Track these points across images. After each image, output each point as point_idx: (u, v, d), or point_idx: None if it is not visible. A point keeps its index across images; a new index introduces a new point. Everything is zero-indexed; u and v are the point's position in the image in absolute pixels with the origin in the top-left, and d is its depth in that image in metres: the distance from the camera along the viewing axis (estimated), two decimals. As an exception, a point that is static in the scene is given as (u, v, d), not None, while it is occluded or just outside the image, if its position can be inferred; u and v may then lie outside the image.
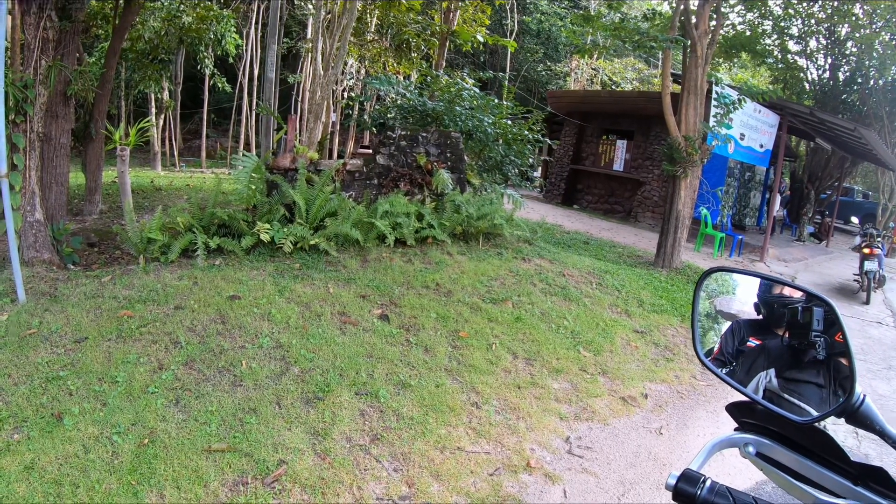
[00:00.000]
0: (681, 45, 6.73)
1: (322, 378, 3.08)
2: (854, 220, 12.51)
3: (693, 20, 6.72)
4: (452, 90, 7.48)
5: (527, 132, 7.75)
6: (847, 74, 14.25)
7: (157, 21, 9.28)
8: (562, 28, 18.86)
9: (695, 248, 9.23)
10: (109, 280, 3.93)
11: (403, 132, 6.03)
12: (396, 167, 5.92)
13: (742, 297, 1.05)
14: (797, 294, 0.95)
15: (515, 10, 19.30)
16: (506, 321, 4.24)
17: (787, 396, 0.90)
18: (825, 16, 12.90)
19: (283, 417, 2.72)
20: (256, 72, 15.27)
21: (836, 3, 12.28)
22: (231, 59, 13.81)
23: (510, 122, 7.86)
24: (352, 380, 3.12)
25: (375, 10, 11.67)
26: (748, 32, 13.50)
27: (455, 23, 10.19)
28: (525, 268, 5.42)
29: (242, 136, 15.97)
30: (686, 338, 4.78)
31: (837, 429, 3.25)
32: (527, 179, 15.06)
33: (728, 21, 13.28)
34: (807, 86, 15.17)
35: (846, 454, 0.81)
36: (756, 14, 13.35)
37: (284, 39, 16.41)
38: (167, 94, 13.98)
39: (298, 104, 15.65)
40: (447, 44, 10.50)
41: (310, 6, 13.51)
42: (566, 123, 13.83)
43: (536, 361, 3.80)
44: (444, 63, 10.86)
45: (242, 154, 5.40)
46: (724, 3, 10.29)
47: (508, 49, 13.97)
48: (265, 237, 4.70)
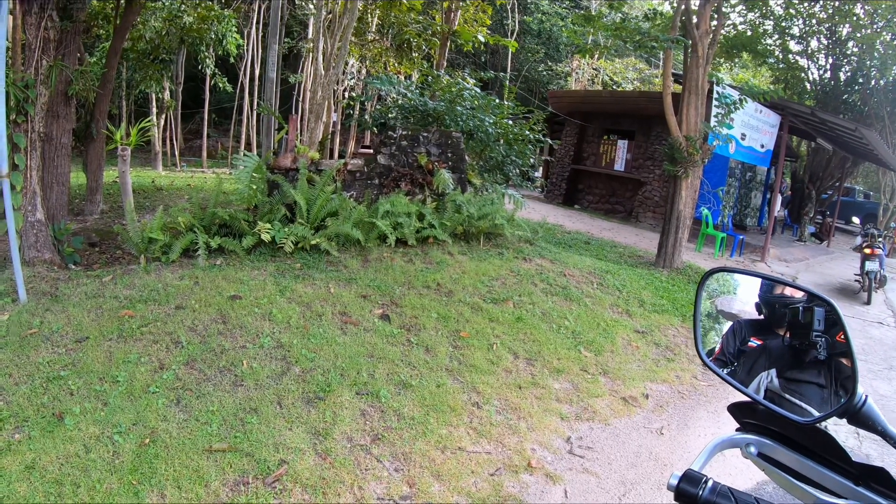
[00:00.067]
0: (682, 46, 6.72)
1: (323, 378, 3.08)
2: (855, 221, 12.52)
3: (694, 20, 6.72)
4: (453, 90, 7.48)
5: (528, 132, 7.75)
6: (848, 74, 14.23)
7: (159, 21, 9.30)
8: (563, 28, 18.87)
9: (696, 249, 9.21)
10: (110, 280, 3.93)
11: (404, 132, 6.03)
12: (397, 167, 5.92)
13: (743, 297, 1.05)
14: (798, 294, 0.95)
15: (516, 10, 19.29)
16: (507, 321, 4.24)
17: (789, 397, 0.90)
18: (826, 16, 12.89)
19: (284, 417, 2.72)
20: (257, 72, 15.29)
21: (838, 3, 12.27)
22: (232, 59, 13.83)
23: (511, 122, 7.86)
24: (353, 380, 3.12)
25: (376, 10, 11.68)
26: (749, 32, 13.49)
27: (456, 23, 10.20)
28: (526, 268, 5.42)
29: (243, 136, 15.99)
30: (687, 338, 4.77)
31: (838, 429, 3.25)
32: (528, 179, 15.06)
33: (729, 21, 13.28)
34: (808, 86, 15.15)
35: (848, 454, 0.81)
36: (757, 14, 13.34)
37: (285, 39, 16.44)
38: (168, 94, 14.01)
39: (299, 104, 15.66)
40: (448, 44, 10.50)
41: (311, 6, 13.52)
42: (567, 123, 13.83)
43: (537, 361, 3.80)
44: (446, 63, 10.86)
45: (243, 154, 5.41)
46: (726, 3, 10.27)
47: (509, 49, 13.97)
48: (266, 237, 4.70)
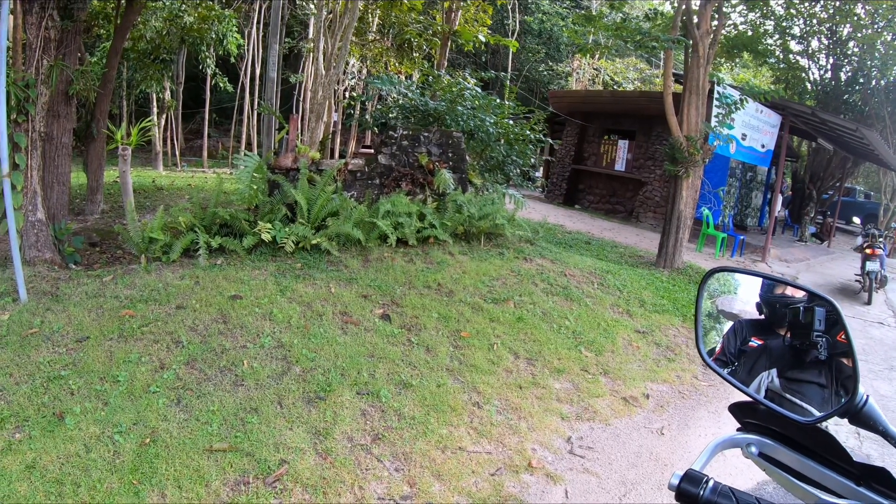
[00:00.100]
0: (682, 46, 6.72)
1: (324, 378, 3.08)
2: (856, 221, 12.51)
3: (695, 20, 6.71)
4: (454, 90, 7.48)
5: (528, 132, 7.74)
6: (849, 74, 14.23)
7: (159, 21, 9.29)
8: (563, 28, 18.87)
9: (696, 249, 9.21)
10: (111, 279, 3.94)
11: (405, 132, 6.03)
12: (398, 167, 5.92)
13: (744, 297, 1.04)
14: (799, 294, 0.95)
15: (517, 10, 19.28)
16: (507, 321, 4.24)
17: (790, 397, 0.90)
18: (827, 16, 12.88)
19: (285, 417, 2.72)
20: (258, 71, 15.28)
21: (838, 3, 12.25)
22: (233, 59, 13.83)
23: (512, 122, 7.86)
24: (353, 379, 3.12)
25: (377, 10, 11.68)
26: (750, 32, 13.49)
27: (457, 23, 10.20)
28: (527, 268, 5.42)
29: (244, 136, 15.98)
30: (687, 338, 4.77)
31: (839, 429, 3.25)
32: (528, 179, 15.03)
33: (730, 21, 13.27)
34: (808, 86, 15.15)
35: (849, 454, 0.81)
36: (758, 14, 13.33)
37: (286, 39, 16.44)
38: (169, 94, 14.00)
39: (300, 104, 15.65)
40: (449, 44, 10.50)
41: (311, 6, 13.53)
42: (568, 123, 13.82)
43: (538, 361, 3.80)
44: (446, 63, 10.86)
45: (244, 154, 5.41)
46: (726, 3, 10.27)
47: (510, 49, 13.97)
48: (267, 237, 4.70)
